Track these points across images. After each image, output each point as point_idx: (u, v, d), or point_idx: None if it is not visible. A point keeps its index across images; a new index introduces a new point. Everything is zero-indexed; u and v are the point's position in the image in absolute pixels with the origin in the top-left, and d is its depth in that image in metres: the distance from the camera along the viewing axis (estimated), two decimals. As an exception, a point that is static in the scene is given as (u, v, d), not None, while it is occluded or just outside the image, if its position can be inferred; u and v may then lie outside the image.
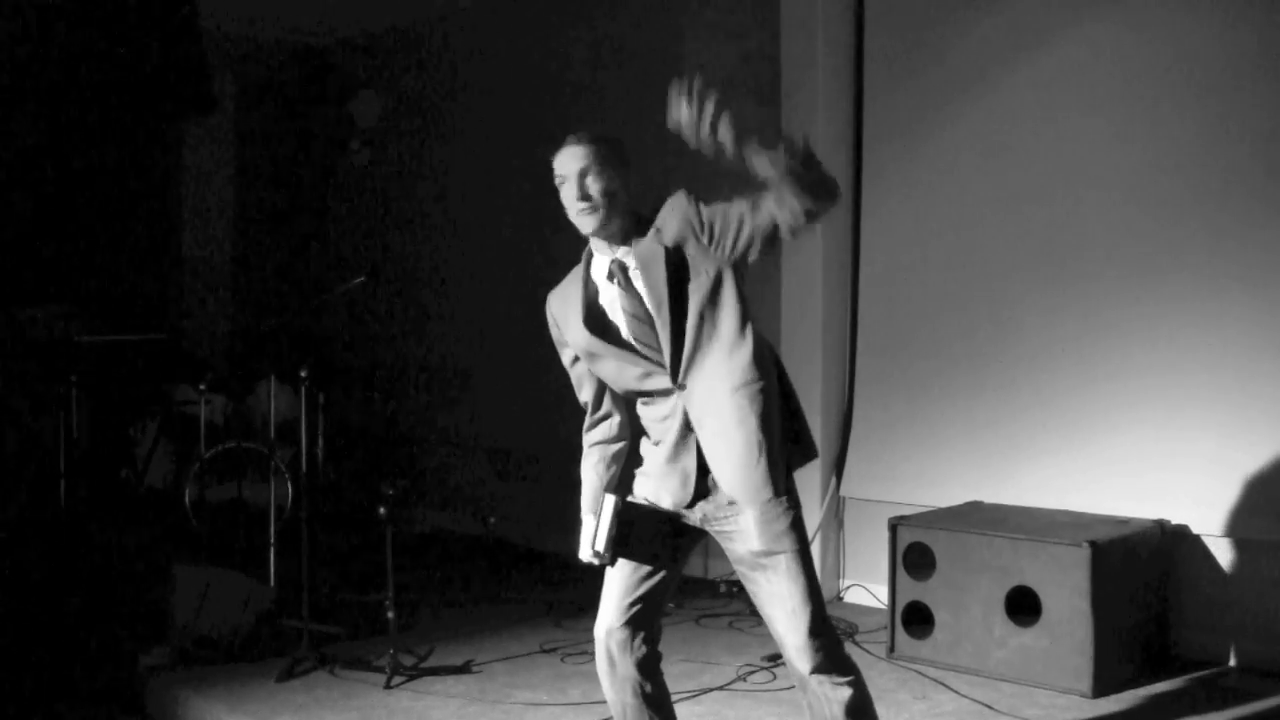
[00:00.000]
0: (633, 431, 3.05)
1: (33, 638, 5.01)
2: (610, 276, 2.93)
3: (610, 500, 2.91)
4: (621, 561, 2.95)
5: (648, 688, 2.98)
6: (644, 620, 2.97)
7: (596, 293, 2.97)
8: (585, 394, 3.07)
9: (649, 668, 2.99)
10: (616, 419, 3.05)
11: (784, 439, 2.92)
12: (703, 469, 2.90)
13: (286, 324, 7.88)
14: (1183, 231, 4.66)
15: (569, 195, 2.89)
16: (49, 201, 7.51)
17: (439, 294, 7.75)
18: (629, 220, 2.91)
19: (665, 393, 2.90)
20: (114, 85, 7.15)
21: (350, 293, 5.04)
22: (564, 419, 6.86)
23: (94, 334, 6.85)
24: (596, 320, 2.95)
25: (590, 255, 2.99)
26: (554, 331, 3.06)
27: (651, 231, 2.89)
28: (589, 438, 3.09)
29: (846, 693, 2.89)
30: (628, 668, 2.96)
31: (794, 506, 2.90)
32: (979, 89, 5.20)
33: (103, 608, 5.26)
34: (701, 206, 2.86)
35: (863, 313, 5.57)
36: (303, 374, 4.83)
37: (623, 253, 2.92)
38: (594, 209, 2.87)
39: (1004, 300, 5.13)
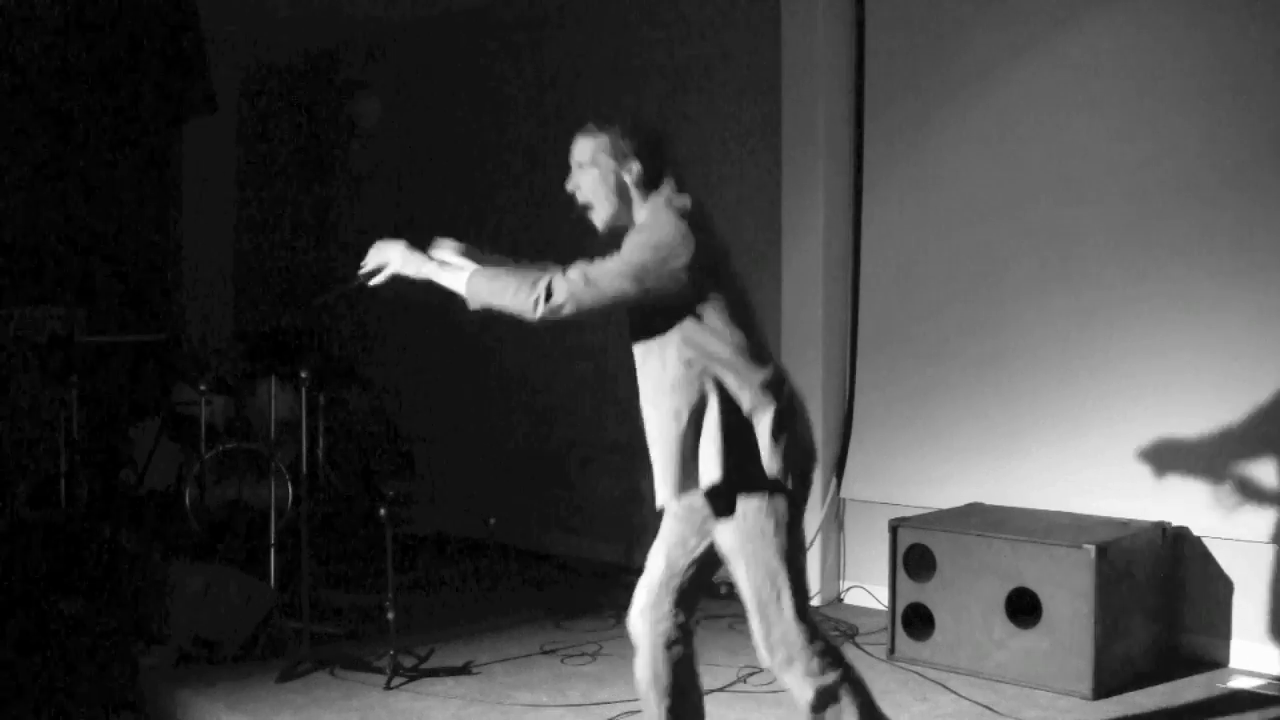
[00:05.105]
0: None
1: (33, 638, 5.01)
2: None
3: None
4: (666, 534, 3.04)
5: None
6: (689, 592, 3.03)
7: None
8: None
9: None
10: None
11: (725, 449, 2.86)
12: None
13: (287, 324, 7.86)
14: (1184, 232, 4.66)
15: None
16: (50, 202, 7.51)
17: (439, 293, 7.73)
18: (638, 206, 2.93)
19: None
20: (115, 85, 7.16)
21: (352, 293, 5.02)
22: (563, 420, 6.90)
23: (94, 334, 6.85)
24: None
25: None
26: None
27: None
28: None
29: (819, 681, 2.89)
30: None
31: (780, 503, 2.88)
32: (979, 88, 5.20)
33: (103, 608, 5.25)
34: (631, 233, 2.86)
35: (863, 313, 5.57)
36: (303, 375, 4.83)
37: None
38: (584, 206, 2.94)
39: (1004, 301, 5.13)
